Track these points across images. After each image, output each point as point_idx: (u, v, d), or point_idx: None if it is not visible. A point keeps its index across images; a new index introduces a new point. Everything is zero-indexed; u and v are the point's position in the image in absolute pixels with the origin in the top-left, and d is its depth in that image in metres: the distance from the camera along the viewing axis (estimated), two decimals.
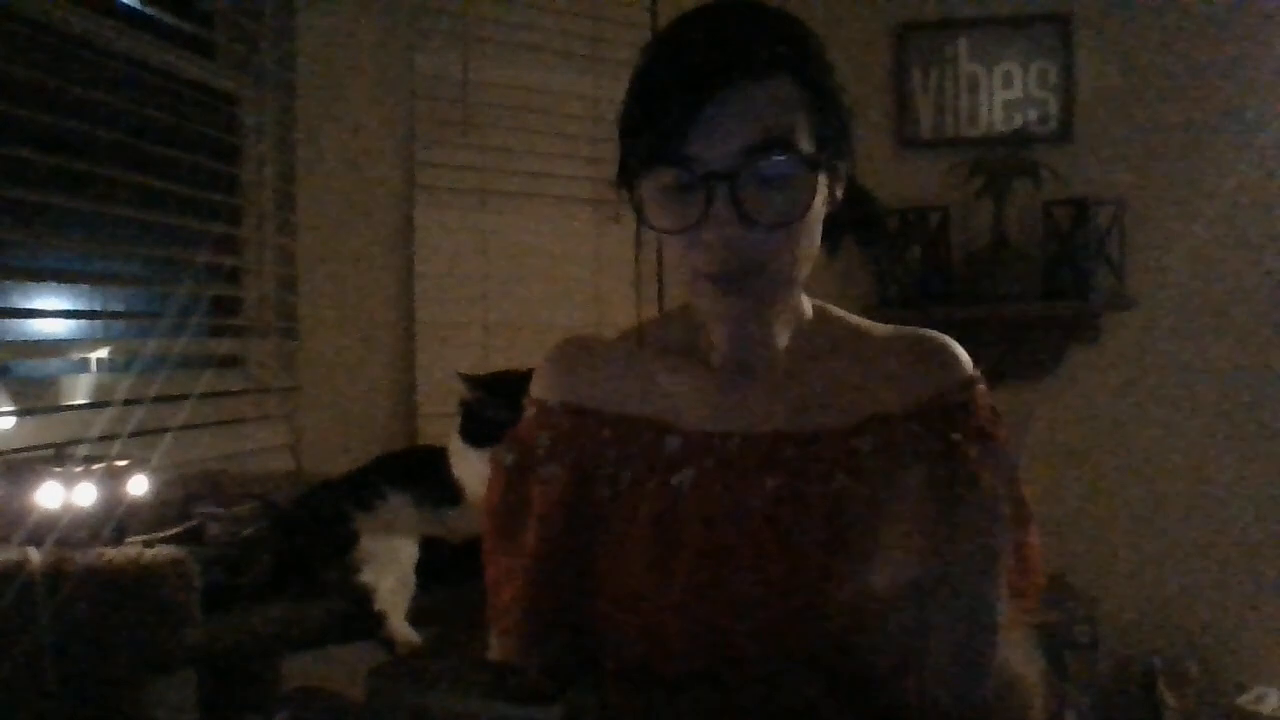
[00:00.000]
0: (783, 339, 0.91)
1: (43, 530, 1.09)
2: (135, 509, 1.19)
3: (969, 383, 0.90)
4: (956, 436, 0.86)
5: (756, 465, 0.86)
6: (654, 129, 0.81)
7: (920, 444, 0.85)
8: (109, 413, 1.47)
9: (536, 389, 0.96)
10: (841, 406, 0.88)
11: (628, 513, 0.87)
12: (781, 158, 0.80)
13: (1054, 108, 2.80)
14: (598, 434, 0.91)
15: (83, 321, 1.66)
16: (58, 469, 1.14)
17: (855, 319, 0.96)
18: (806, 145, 0.81)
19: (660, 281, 2.50)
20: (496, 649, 0.94)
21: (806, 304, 0.94)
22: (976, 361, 0.92)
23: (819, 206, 0.84)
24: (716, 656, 0.82)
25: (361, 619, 1.30)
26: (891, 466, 0.84)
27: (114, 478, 1.17)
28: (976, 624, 0.84)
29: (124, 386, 1.53)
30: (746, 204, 0.79)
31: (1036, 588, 0.90)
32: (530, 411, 0.96)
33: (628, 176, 0.85)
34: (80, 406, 1.50)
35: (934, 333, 0.93)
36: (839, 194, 0.88)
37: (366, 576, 1.32)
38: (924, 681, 0.82)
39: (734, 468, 0.86)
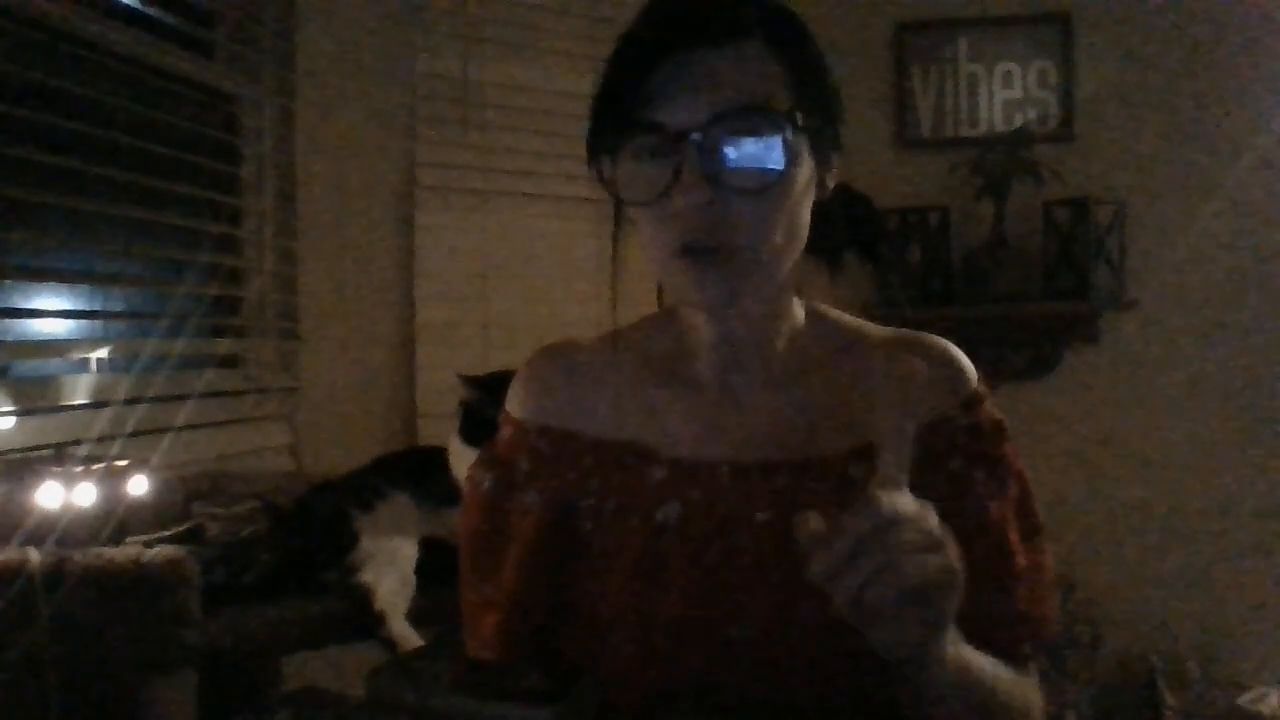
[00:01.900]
0: (776, 347, 0.86)
1: (43, 530, 1.09)
2: (135, 509, 1.19)
3: (973, 400, 0.85)
4: (960, 464, 0.82)
5: (745, 498, 0.81)
6: (621, 96, 0.77)
7: (922, 471, 0.73)
8: (109, 413, 1.47)
9: (513, 405, 0.91)
10: (837, 428, 0.82)
11: (611, 547, 0.82)
12: (753, 118, 0.74)
13: (1054, 108, 2.79)
14: (579, 461, 0.86)
15: (83, 321, 1.65)
16: (58, 469, 1.14)
17: (853, 322, 0.90)
18: (782, 109, 0.76)
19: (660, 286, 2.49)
20: None
21: (799, 309, 0.88)
22: (976, 362, 0.87)
23: (801, 183, 0.78)
24: (702, 696, 0.79)
25: (361, 619, 1.30)
26: None
27: (114, 478, 1.18)
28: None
29: (124, 386, 1.53)
30: (718, 167, 0.74)
31: (1052, 612, 0.84)
32: (507, 430, 0.91)
33: (598, 153, 0.80)
34: (80, 406, 1.50)
35: (937, 341, 0.88)
36: (829, 183, 0.83)
37: (366, 576, 1.32)
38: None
39: (722, 501, 0.81)
